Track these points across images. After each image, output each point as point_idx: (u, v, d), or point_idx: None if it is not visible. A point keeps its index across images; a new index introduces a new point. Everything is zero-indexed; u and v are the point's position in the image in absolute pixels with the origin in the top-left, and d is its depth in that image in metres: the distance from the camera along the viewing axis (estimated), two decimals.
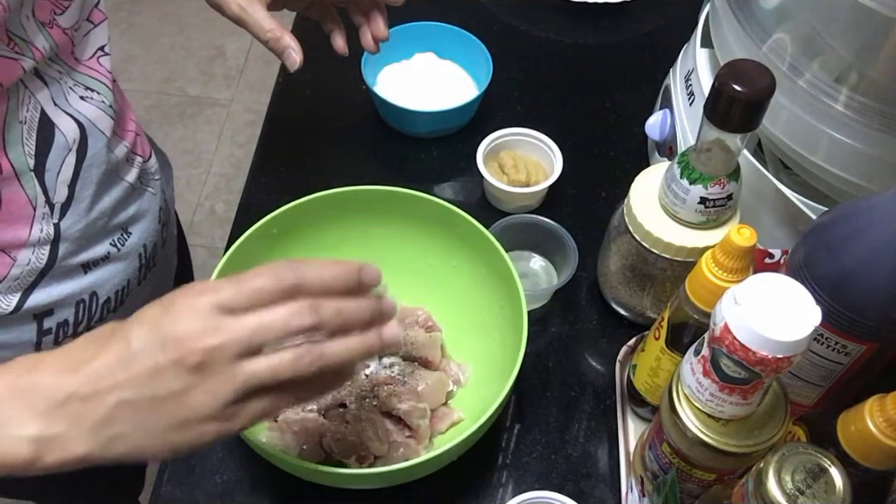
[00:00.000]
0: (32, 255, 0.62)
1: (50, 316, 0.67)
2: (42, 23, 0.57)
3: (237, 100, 2.14)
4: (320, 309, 0.44)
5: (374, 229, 0.71)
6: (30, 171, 0.59)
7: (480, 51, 0.87)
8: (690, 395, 0.51)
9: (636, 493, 0.62)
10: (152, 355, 0.42)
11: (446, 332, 0.72)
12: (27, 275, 0.63)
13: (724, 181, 0.60)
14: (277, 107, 0.92)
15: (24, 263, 0.62)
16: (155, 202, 0.76)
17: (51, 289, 0.65)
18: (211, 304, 0.43)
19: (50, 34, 0.58)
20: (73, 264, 0.66)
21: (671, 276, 0.66)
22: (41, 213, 0.61)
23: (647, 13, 1.02)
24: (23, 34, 0.56)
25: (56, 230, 0.63)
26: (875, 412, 0.45)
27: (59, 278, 0.66)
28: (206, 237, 1.91)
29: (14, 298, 0.63)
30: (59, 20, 0.59)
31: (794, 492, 0.42)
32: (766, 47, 0.65)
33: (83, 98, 0.63)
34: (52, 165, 0.60)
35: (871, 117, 0.59)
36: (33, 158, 0.59)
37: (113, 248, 0.70)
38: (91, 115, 0.63)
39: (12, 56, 0.55)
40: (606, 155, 0.88)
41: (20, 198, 0.59)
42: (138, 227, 0.73)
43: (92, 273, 0.69)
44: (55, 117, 0.60)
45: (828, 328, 0.52)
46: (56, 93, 0.60)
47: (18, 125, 0.57)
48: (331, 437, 0.62)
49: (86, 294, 0.69)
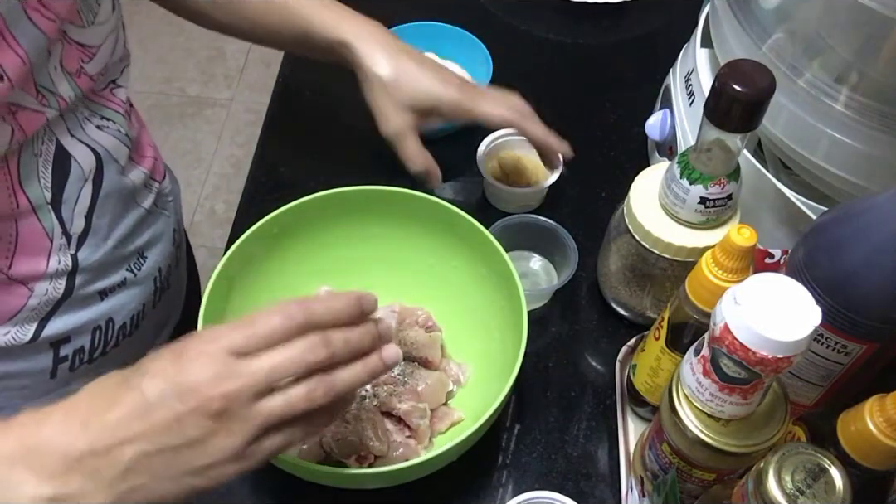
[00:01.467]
0: (50, 286, 0.62)
1: (67, 343, 0.66)
2: (69, 73, 0.57)
3: (237, 100, 2.14)
4: (331, 342, 0.45)
5: (374, 229, 0.71)
6: (46, 205, 0.58)
7: (480, 51, 0.87)
8: (690, 395, 0.51)
9: (636, 493, 0.62)
10: (171, 405, 0.42)
11: (446, 332, 0.72)
12: (44, 305, 0.62)
13: (724, 181, 0.60)
14: (277, 107, 0.92)
15: (41, 294, 0.62)
16: (169, 224, 0.76)
17: (67, 317, 0.65)
18: (224, 351, 0.43)
19: (76, 83, 0.58)
20: (90, 292, 0.66)
21: (671, 276, 0.66)
22: (58, 244, 0.61)
23: (647, 13, 1.02)
24: (50, 86, 0.55)
25: (73, 261, 0.62)
26: (875, 412, 0.45)
27: (77, 307, 0.65)
28: (206, 237, 1.91)
29: (31, 328, 0.63)
30: (87, 68, 0.58)
31: (794, 492, 0.42)
32: (766, 47, 0.65)
33: (99, 127, 0.62)
34: (68, 197, 0.60)
35: (871, 117, 0.59)
36: (50, 192, 0.58)
37: (129, 273, 0.69)
38: (107, 144, 0.63)
39: (38, 108, 0.54)
40: (606, 155, 0.88)
41: (37, 231, 0.59)
42: (154, 251, 0.73)
43: (108, 300, 0.68)
44: (71, 148, 0.59)
45: (828, 328, 0.52)
46: (72, 124, 0.59)
47: (34, 158, 0.56)
48: (331, 437, 0.62)
49: (102, 321, 0.68)
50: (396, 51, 0.69)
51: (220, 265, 0.63)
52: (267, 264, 0.68)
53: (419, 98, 0.67)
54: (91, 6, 0.58)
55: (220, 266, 0.63)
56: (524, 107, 0.72)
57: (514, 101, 0.72)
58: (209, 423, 0.42)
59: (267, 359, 0.43)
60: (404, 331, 0.69)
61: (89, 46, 0.58)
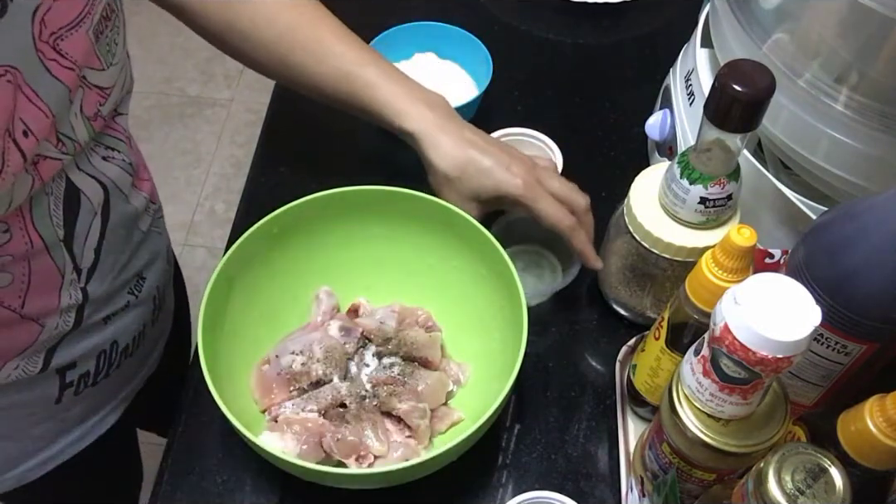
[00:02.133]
0: (60, 319, 0.62)
1: (73, 369, 0.67)
2: (87, 117, 0.56)
3: (237, 100, 2.14)
4: None
5: (374, 229, 0.71)
6: (59, 242, 0.58)
7: (480, 51, 0.87)
8: (690, 395, 0.51)
9: (636, 493, 0.62)
10: None
11: (446, 332, 0.72)
12: (53, 338, 0.63)
13: (724, 181, 0.60)
14: (277, 107, 0.92)
15: (52, 328, 0.62)
16: (162, 242, 0.76)
17: (73, 345, 0.65)
18: None
19: (92, 126, 0.57)
20: (96, 320, 0.66)
21: (671, 276, 0.66)
22: (69, 279, 0.61)
23: (647, 13, 1.02)
24: (70, 133, 0.54)
25: (84, 294, 0.63)
26: (875, 412, 0.45)
27: (83, 335, 0.66)
28: (206, 237, 1.91)
29: (39, 360, 0.63)
30: (102, 110, 0.58)
31: (794, 492, 0.42)
32: (766, 47, 0.65)
33: (105, 158, 0.61)
34: (79, 232, 0.60)
35: (871, 117, 0.59)
36: (62, 229, 0.58)
37: (131, 296, 0.70)
38: (113, 176, 0.62)
39: (58, 156, 0.54)
40: (606, 155, 0.88)
41: (49, 268, 0.58)
42: (152, 271, 0.73)
43: (112, 324, 0.69)
44: (80, 183, 0.58)
45: (828, 328, 0.52)
46: (80, 159, 0.58)
47: (45, 197, 0.55)
48: (331, 437, 0.62)
49: (107, 345, 0.69)
50: (462, 142, 0.66)
51: (220, 265, 0.63)
52: (267, 264, 0.68)
53: (483, 192, 0.66)
54: (110, 47, 0.57)
55: (220, 266, 0.63)
56: (584, 212, 0.68)
57: (576, 203, 0.68)
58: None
59: None
60: (404, 331, 0.69)
61: (105, 88, 0.58)
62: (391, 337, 0.69)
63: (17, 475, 0.72)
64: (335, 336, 0.68)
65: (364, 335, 0.69)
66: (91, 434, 0.76)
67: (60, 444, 0.74)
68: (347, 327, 0.69)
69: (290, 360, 0.66)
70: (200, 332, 0.59)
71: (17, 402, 0.65)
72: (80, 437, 0.75)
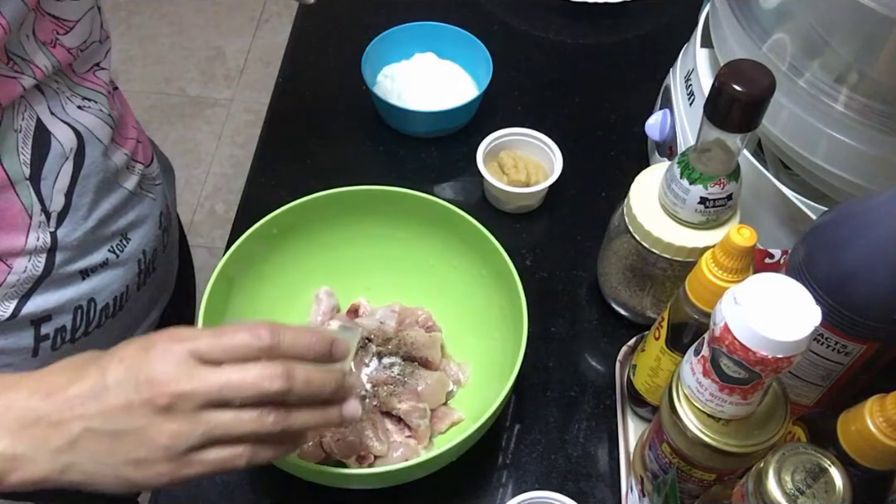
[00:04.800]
0: (29, 262, 0.62)
1: (48, 322, 0.67)
2: (43, 42, 0.57)
3: (237, 100, 2.14)
4: (292, 376, 0.45)
5: (374, 229, 0.71)
6: (25, 180, 0.59)
7: (480, 51, 0.87)
8: (690, 395, 0.51)
9: (636, 493, 0.62)
10: (126, 392, 0.43)
11: (446, 332, 0.72)
12: (24, 282, 0.63)
13: (724, 181, 0.60)
14: (277, 107, 0.92)
15: (20, 271, 0.62)
16: (156, 207, 0.76)
17: (48, 295, 0.65)
18: (188, 352, 0.44)
19: (52, 52, 0.58)
20: (70, 271, 0.66)
21: (671, 276, 0.66)
22: (37, 221, 0.61)
23: (647, 13, 1.02)
24: (22, 53, 0.56)
25: (53, 239, 0.63)
26: (875, 412, 0.45)
27: (57, 285, 0.66)
28: (206, 237, 1.91)
29: (11, 305, 0.63)
30: (63, 40, 0.59)
31: (794, 492, 0.42)
32: (766, 47, 0.65)
33: (81, 108, 0.63)
34: (47, 174, 0.60)
35: (871, 117, 0.59)
36: (29, 167, 0.59)
37: (111, 254, 0.70)
38: (89, 124, 0.63)
39: (11, 75, 0.55)
40: (606, 155, 0.88)
41: (15, 206, 0.59)
42: (138, 233, 0.73)
43: (90, 280, 0.69)
44: (51, 126, 0.60)
45: (828, 328, 0.52)
46: (53, 103, 0.60)
47: (14, 133, 0.57)
48: (331, 437, 0.62)
49: (84, 300, 0.69)
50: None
51: (220, 265, 0.63)
52: (267, 264, 0.68)
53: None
54: None
55: (220, 266, 0.63)
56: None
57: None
58: (154, 416, 0.43)
59: (225, 373, 0.44)
60: (404, 331, 0.69)
61: (65, 20, 0.59)
62: (391, 337, 0.69)
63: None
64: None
65: (364, 335, 0.69)
66: None
67: None
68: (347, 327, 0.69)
69: None
70: None
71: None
72: None
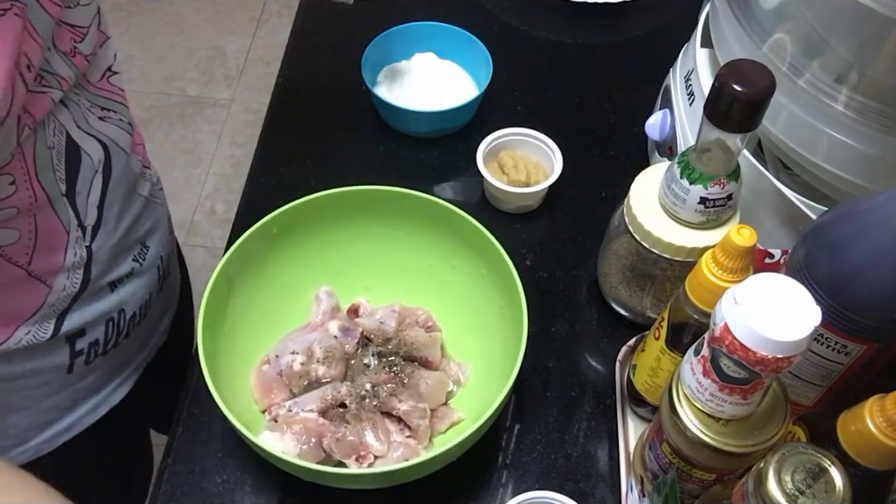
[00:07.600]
0: (67, 280, 0.63)
1: (82, 337, 0.68)
2: (64, 52, 0.58)
3: (237, 100, 2.14)
4: None
5: (374, 229, 0.71)
6: (62, 196, 0.59)
7: (480, 51, 0.87)
8: (690, 395, 0.51)
9: (636, 493, 0.62)
10: None
11: (446, 332, 0.72)
12: (62, 300, 0.64)
13: (724, 181, 0.60)
14: (277, 107, 0.92)
15: (59, 290, 0.63)
16: (163, 212, 0.77)
17: (83, 311, 0.66)
18: None
19: (73, 62, 0.59)
20: (102, 284, 0.67)
21: (671, 276, 0.66)
22: (74, 237, 0.62)
23: (647, 13, 1.02)
24: (47, 66, 0.56)
25: (88, 253, 0.64)
26: (875, 412, 0.45)
27: (91, 300, 0.67)
28: (206, 237, 1.91)
29: (50, 325, 0.64)
30: (80, 48, 0.60)
31: (794, 492, 0.42)
32: (766, 47, 0.65)
33: (102, 119, 0.63)
34: (81, 188, 0.61)
35: (871, 117, 0.59)
36: (64, 183, 0.59)
37: (135, 263, 0.71)
38: (112, 135, 0.64)
39: (40, 90, 0.55)
40: (606, 155, 0.88)
41: (55, 224, 0.60)
42: (154, 240, 0.74)
43: (118, 291, 0.70)
44: (80, 140, 0.60)
45: (828, 328, 0.52)
46: (77, 115, 0.60)
47: (48, 151, 0.57)
48: (331, 437, 0.62)
49: (115, 312, 0.70)
50: None
51: (220, 265, 0.63)
52: (267, 264, 0.68)
53: None
54: None
55: (220, 266, 0.63)
56: None
57: None
58: None
59: None
60: (404, 331, 0.69)
61: (79, 27, 0.59)
62: (391, 337, 0.69)
63: (34, 447, 0.73)
64: (335, 336, 0.68)
65: (364, 335, 0.69)
66: (104, 405, 0.77)
67: (74, 416, 0.74)
68: (347, 327, 0.69)
69: (290, 360, 0.66)
70: (200, 332, 0.59)
71: (29, 370, 0.66)
72: (92, 408, 0.76)
